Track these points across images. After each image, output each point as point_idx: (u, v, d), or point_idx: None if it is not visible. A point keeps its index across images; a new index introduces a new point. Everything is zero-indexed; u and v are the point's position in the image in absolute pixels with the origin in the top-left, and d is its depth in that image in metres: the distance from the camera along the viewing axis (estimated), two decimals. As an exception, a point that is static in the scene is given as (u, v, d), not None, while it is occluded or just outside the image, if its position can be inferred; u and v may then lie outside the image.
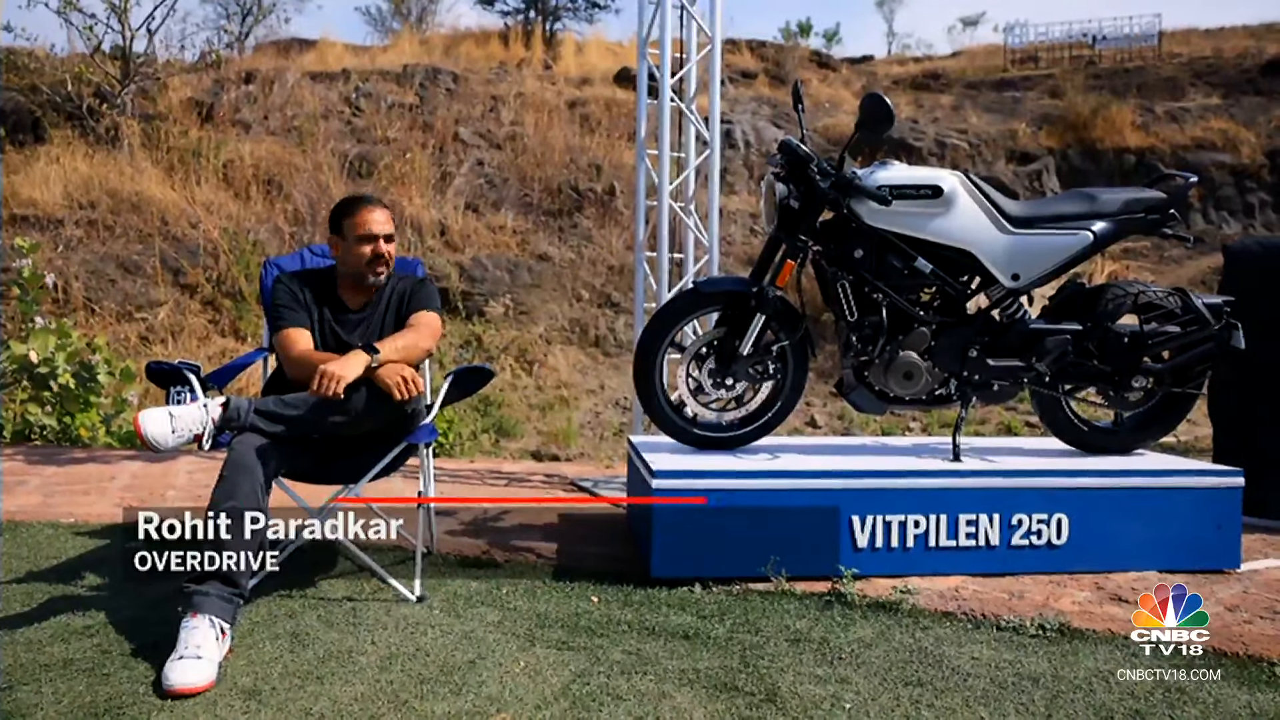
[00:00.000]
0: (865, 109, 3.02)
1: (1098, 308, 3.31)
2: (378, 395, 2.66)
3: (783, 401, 3.39)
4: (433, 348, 2.93)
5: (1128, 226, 3.33)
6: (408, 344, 2.80)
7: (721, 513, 2.97)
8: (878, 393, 3.31)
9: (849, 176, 3.10)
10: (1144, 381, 3.35)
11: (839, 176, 3.10)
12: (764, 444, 3.46)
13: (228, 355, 9.00)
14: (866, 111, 3.02)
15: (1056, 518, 3.08)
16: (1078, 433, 3.47)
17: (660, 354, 3.33)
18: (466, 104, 12.85)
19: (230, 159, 10.45)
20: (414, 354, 2.81)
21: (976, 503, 3.05)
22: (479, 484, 4.88)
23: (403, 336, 2.82)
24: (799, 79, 3.04)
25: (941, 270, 3.23)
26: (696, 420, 3.42)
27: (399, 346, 2.76)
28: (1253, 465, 3.32)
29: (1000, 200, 3.26)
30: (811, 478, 3.02)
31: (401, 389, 2.64)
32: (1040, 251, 3.25)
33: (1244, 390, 3.97)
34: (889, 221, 3.17)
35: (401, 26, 23.02)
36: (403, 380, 2.65)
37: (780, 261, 3.21)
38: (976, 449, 3.51)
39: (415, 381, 2.67)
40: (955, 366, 3.28)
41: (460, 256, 10.14)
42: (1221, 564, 3.16)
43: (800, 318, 3.30)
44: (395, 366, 2.68)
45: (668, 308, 3.38)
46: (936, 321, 3.26)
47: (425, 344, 2.87)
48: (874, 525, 3.01)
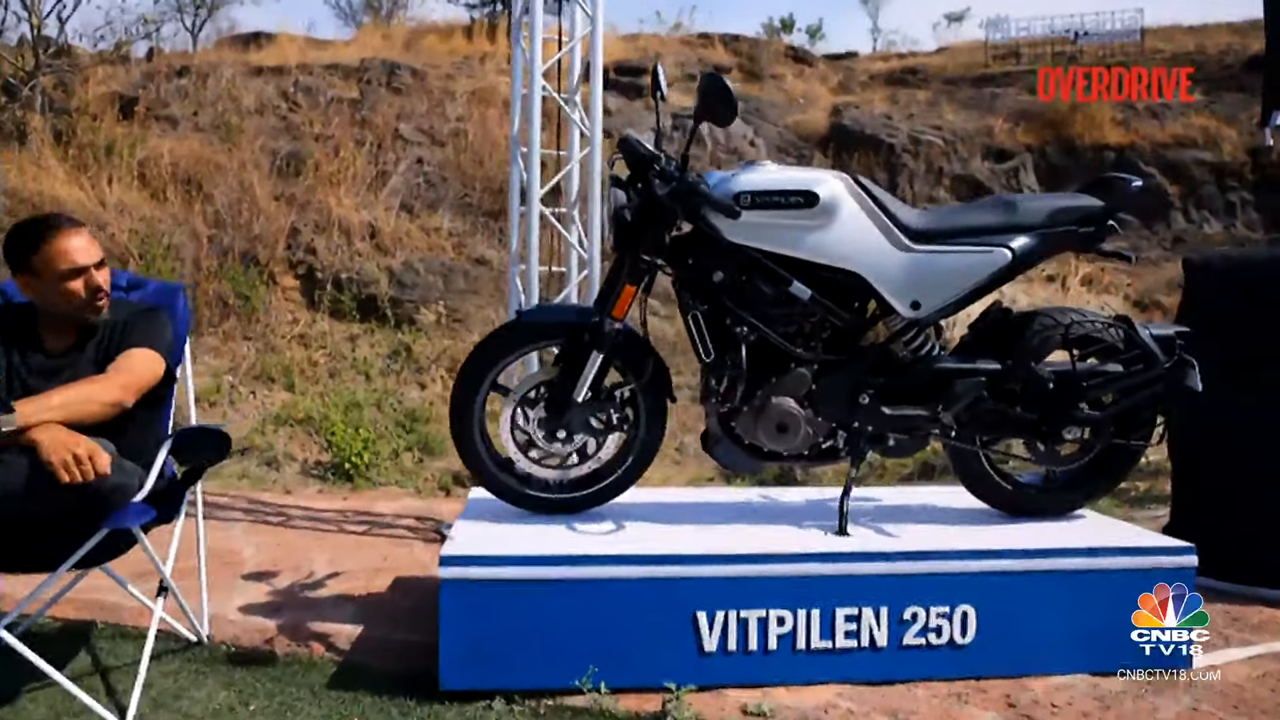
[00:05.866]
0: (703, 91, 2.37)
1: (1020, 342, 2.67)
2: (39, 473, 1.98)
3: (634, 456, 2.76)
4: (124, 399, 2.20)
5: (1056, 241, 2.68)
6: (73, 399, 2.10)
7: (532, 607, 2.33)
8: (748, 447, 2.67)
9: (691, 181, 2.45)
10: (1078, 432, 2.71)
11: (680, 181, 2.45)
12: (615, 506, 2.82)
13: (134, 368, 8.34)
14: (704, 94, 2.37)
15: (961, 610, 2.44)
16: (999, 492, 2.83)
17: (479, 399, 2.69)
18: (413, 99, 12.18)
19: (148, 157, 9.77)
20: (84, 411, 2.10)
21: (859, 593, 2.41)
22: (330, 531, 4.23)
23: (72, 388, 2.14)
24: (658, 61, 2.39)
25: (824, 296, 2.59)
26: (531, 479, 2.78)
27: (56, 404, 2.06)
28: (1218, 516, 2.71)
29: (897, 209, 2.62)
30: (646, 564, 2.37)
31: (70, 470, 1.96)
32: (945, 273, 2.60)
33: (1207, 429, 3.35)
34: (754, 236, 2.53)
35: (371, 20, 22.34)
36: (72, 459, 1.97)
37: (619, 287, 2.56)
38: (874, 512, 2.87)
39: (94, 459, 1.99)
40: (842, 415, 2.64)
41: (391, 260, 9.48)
42: (1169, 664, 2.52)
43: (649, 354, 2.65)
44: (62, 438, 1.99)
45: (487, 342, 2.73)
46: (819, 360, 2.62)
47: (106, 396, 2.16)
48: (727, 622, 2.37)
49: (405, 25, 20.53)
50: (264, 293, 8.97)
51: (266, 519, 4.45)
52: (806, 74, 16.87)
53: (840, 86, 16.53)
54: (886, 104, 14.58)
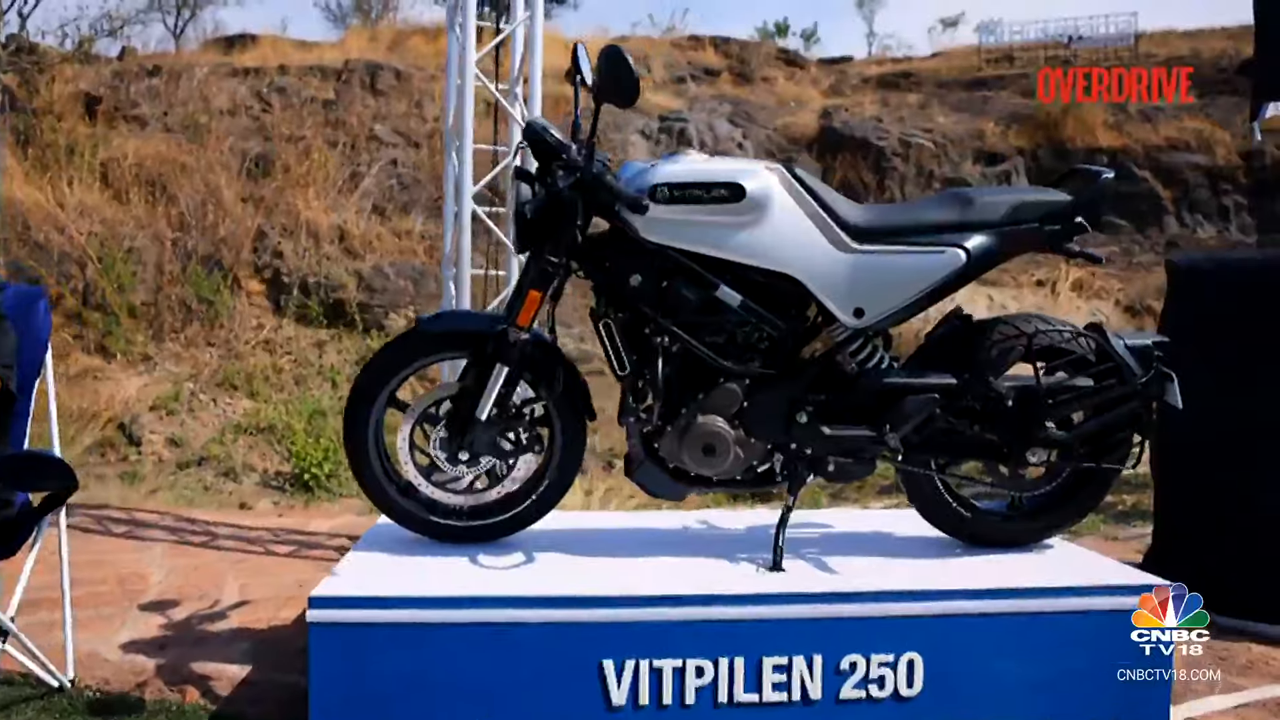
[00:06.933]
0: (602, 69, 2.08)
1: (978, 354, 2.38)
2: None
3: (551, 480, 2.47)
4: None
5: (1017, 240, 2.39)
6: None
7: (415, 655, 2.05)
8: (673, 471, 2.38)
9: (597, 172, 2.16)
10: (1043, 455, 2.42)
11: (584, 172, 2.17)
12: (532, 533, 2.53)
13: (91, 375, 8.08)
14: (602, 72, 2.09)
15: (906, 659, 2.15)
16: (957, 521, 2.54)
17: (374, 415, 2.41)
18: (392, 100, 11.92)
19: (111, 157, 9.49)
20: None
21: (790, 639, 2.12)
22: (255, 553, 3.93)
23: None
24: (579, 42, 2.11)
25: (756, 303, 2.30)
26: (437, 505, 2.49)
27: None
28: (1204, 541, 2.45)
29: (838, 205, 2.33)
30: (546, 606, 2.08)
31: None
32: (891, 276, 2.31)
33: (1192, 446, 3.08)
34: (674, 235, 2.24)
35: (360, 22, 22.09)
36: None
37: (524, 293, 2.28)
38: (819, 541, 2.58)
39: None
40: (777, 436, 2.35)
41: (360, 264, 9.21)
42: (1144, 717, 2.23)
43: (562, 367, 2.37)
44: None
45: (383, 352, 2.45)
46: (750, 374, 2.33)
47: None
48: (637, 672, 2.08)
49: (395, 26, 20.29)
50: (228, 297, 8.70)
51: (190, 539, 4.16)
52: (798, 77, 16.65)
53: (832, 89, 16.31)
54: (877, 107, 14.34)
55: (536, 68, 3.57)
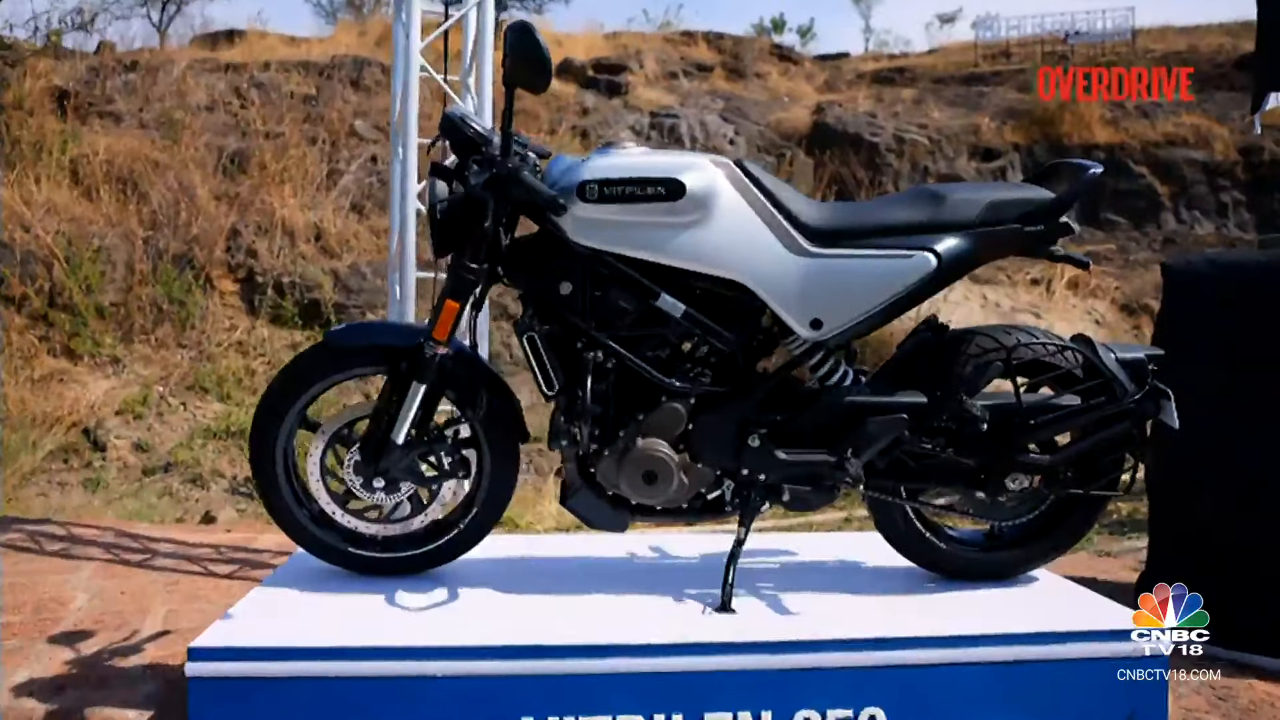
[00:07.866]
0: (511, 49, 1.83)
1: (952, 369, 2.14)
2: None
3: (479, 506, 2.23)
4: None
5: (994, 242, 2.14)
6: None
7: (308, 712, 1.81)
8: (612, 499, 2.14)
9: (512, 167, 1.92)
10: (1025, 480, 2.18)
11: (499, 167, 1.92)
12: (462, 564, 2.30)
13: (57, 379, 7.85)
14: (512, 53, 1.83)
15: (867, 714, 1.91)
16: (930, 552, 2.30)
17: (282, 436, 2.17)
18: (375, 96, 11.67)
19: (81, 154, 9.25)
20: None
21: (736, 693, 1.88)
22: (193, 573, 3.69)
23: None
24: (508, 24, 1.85)
25: (701, 313, 2.06)
26: (358, 535, 2.25)
27: None
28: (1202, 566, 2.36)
29: (793, 203, 2.09)
30: (458, 658, 1.84)
31: None
32: (852, 283, 2.06)
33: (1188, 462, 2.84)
34: (608, 238, 2.00)
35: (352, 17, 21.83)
36: None
37: (440, 303, 2.04)
38: (776, 575, 2.34)
39: None
40: (727, 461, 2.11)
41: (336, 264, 8.98)
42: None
43: (487, 384, 2.13)
44: None
45: (291, 367, 2.21)
46: (696, 393, 2.09)
47: None
48: (562, 733, 1.84)
49: (385, 20, 20.02)
50: (200, 298, 8.48)
51: (127, 557, 3.92)
52: (792, 72, 16.43)
53: (826, 85, 16.10)
54: (872, 103, 14.11)
55: (487, 56, 3.33)
